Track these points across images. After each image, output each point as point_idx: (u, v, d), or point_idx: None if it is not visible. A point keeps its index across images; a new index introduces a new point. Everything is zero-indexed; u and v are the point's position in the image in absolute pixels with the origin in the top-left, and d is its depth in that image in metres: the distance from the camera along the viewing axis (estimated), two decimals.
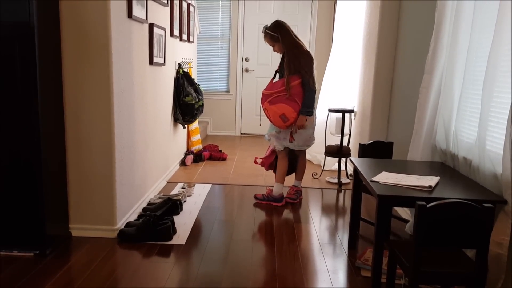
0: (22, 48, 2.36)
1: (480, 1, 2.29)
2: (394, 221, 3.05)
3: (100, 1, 2.59)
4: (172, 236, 2.85)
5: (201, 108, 4.66)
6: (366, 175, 2.24)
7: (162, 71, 3.91)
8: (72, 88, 2.67)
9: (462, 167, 2.38)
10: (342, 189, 4.17)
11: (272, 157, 3.82)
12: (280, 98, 3.41)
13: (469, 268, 1.81)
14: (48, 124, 2.52)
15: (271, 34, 3.49)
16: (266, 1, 6.63)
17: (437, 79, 2.64)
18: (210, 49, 6.81)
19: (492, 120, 2.12)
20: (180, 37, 4.52)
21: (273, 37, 3.48)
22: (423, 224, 1.70)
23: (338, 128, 4.32)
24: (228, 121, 6.89)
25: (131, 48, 3.01)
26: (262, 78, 6.52)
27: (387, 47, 3.88)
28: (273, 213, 3.46)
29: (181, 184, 4.10)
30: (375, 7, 4.01)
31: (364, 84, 4.33)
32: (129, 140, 3.03)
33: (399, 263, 1.90)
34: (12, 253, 2.55)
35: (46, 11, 2.47)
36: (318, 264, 2.60)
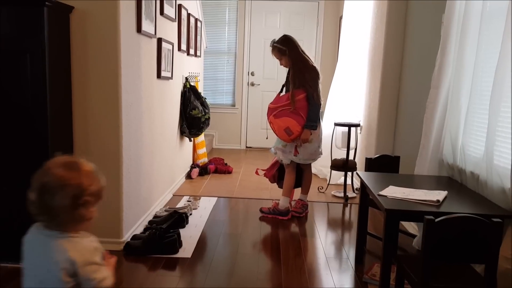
0: (33, 61, 2.40)
1: (486, 16, 2.30)
2: (401, 236, 3.03)
3: (110, 16, 2.63)
4: (178, 249, 2.84)
5: (207, 121, 4.68)
6: (373, 189, 2.24)
7: (170, 85, 3.95)
8: (81, 101, 2.70)
9: (470, 182, 2.37)
10: (348, 203, 4.15)
11: (274, 169, 3.82)
12: (284, 112, 3.43)
13: (477, 283, 1.79)
14: (57, 135, 2.54)
15: (279, 47, 3.53)
16: (272, 17, 6.70)
17: (444, 93, 2.64)
18: (216, 63, 6.87)
19: (500, 134, 2.12)
20: (188, 51, 4.57)
21: (281, 51, 3.52)
22: (432, 238, 1.69)
23: (344, 142, 4.32)
24: (234, 134, 6.91)
25: (139, 62, 3.05)
26: (267, 92, 6.55)
27: (393, 61, 3.90)
28: (279, 226, 3.45)
29: (187, 197, 4.10)
30: (381, 22, 4.04)
31: (370, 98, 4.35)
32: (136, 153, 3.05)
33: (407, 278, 1.88)
34: (19, 265, 2.54)
35: (56, 25, 2.51)
36: (325, 279, 2.58)
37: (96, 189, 1.25)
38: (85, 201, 1.21)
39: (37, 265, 1.22)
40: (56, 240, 1.21)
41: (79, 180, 1.21)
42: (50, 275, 1.20)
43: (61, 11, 2.56)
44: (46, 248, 1.21)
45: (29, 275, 1.26)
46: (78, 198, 1.20)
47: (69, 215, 1.20)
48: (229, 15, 6.75)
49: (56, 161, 1.23)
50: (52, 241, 1.21)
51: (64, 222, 1.22)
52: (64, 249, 1.20)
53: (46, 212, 1.20)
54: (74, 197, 1.19)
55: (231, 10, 6.74)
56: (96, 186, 1.26)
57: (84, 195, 1.21)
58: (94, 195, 1.25)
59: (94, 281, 1.23)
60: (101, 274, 1.26)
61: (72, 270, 1.20)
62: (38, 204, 1.20)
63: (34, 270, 1.23)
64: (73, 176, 1.20)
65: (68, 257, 1.20)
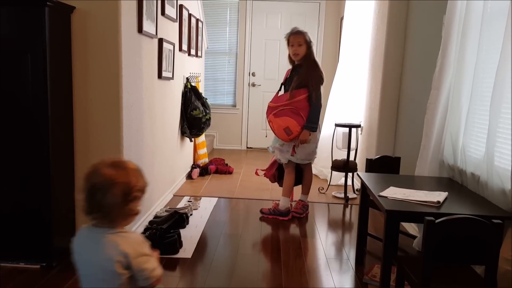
0: (34, 61, 2.40)
1: (487, 17, 2.30)
2: (402, 237, 3.03)
3: (111, 16, 2.63)
4: (178, 249, 2.85)
5: (208, 121, 4.69)
6: (374, 190, 2.24)
7: (170, 85, 3.95)
8: (82, 101, 2.71)
9: (470, 183, 2.37)
10: (348, 204, 4.15)
11: (273, 168, 3.82)
12: (285, 111, 3.43)
13: (478, 284, 1.79)
14: (57, 135, 2.55)
15: (308, 36, 3.52)
16: (273, 17, 6.70)
17: (445, 94, 2.64)
18: (217, 64, 6.87)
19: (500, 135, 2.12)
20: (189, 52, 4.57)
21: (307, 38, 3.51)
22: (432, 239, 1.69)
23: (345, 142, 4.32)
24: (235, 135, 6.92)
25: (140, 62, 3.05)
26: (268, 93, 6.54)
27: (394, 62, 3.90)
28: (279, 227, 3.45)
29: (188, 197, 4.11)
30: (382, 23, 4.04)
31: (371, 99, 4.35)
32: (137, 153, 3.05)
33: (408, 279, 1.88)
34: (18, 265, 2.55)
35: (57, 25, 2.52)
36: (325, 280, 2.58)
37: (142, 185, 1.35)
38: (134, 196, 1.31)
39: (92, 262, 1.31)
40: (107, 236, 1.30)
41: (127, 178, 1.30)
42: (106, 269, 1.29)
43: (62, 11, 2.56)
44: (99, 245, 1.30)
45: (85, 274, 1.35)
46: (128, 195, 1.29)
47: (120, 211, 1.30)
48: (230, 15, 6.76)
49: (103, 162, 1.32)
50: (103, 238, 1.30)
51: (115, 218, 1.31)
52: (116, 244, 1.29)
53: (100, 209, 1.28)
54: (124, 193, 1.28)
55: (232, 10, 6.74)
56: (141, 182, 1.35)
57: (133, 191, 1.30)
58: (141, 191, 1.34)
59: (146, 271, 1.32)
60: (152, 264, 1.35)
61: (126, 263, 1.29)
62: (91, 203, 1.29)
63: (91, 268, 1.32)
64: (121, 174, 1.29)
65: (121, 251, 1.28)
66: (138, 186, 1.33)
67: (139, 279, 1.33)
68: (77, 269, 1.36)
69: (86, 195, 1.29)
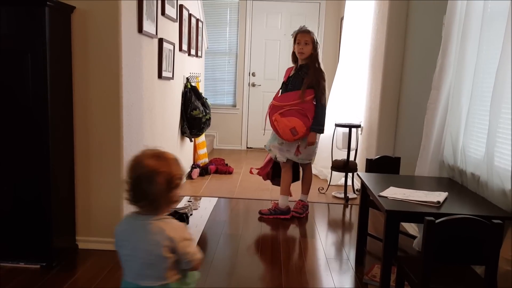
0: (34, 60, 2.40)
1: (487, 18, 2.30)
2: (402, 237, 3.03)
3: (111, 16, 2.64)
4: None
5: (208, 122, 4.69)
6: (374, 190, 2.24)
7: (171, 85, 3.95)
8: (82, 100, 2.71)
9: (470, 183, 2.37)
10: (348, 204, 4.15)
11: (268, 167, 3.81)
12: (292, 112, 3.43)
13: (478, 285, 1.79)
14: (57, 135, 2.55)
15: (315, 36, 3.53)
16: (273, 17, 6.70)
17: (445, 95, 2.64)
18: (217, 64, 6.87)
19: (500, 136, 2.12)
20: (189, 52, 4.57)
21: (314, 38, 3.51)
22: (432, 240, 1.69)
23: (345, 143, 4.32)
24: (235, 135, 6.92)
25: (140, 62, 3.05)
26: (268, 93, 6.55)
27: (394, 62, 3.90)
28: (279, 227, 3.44)
29: (187, 197, 4.11)
30: (382, 23, 4.04)
31: (371, 100, 4.35)
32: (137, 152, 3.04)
33: (408, 279, 1.88)
34: (18, 265, 2.55)
35: (58, 25, 2.52)
36: (325, 280, 2.58)
37: (181, 173, 1.44)
38: (176, 184, 1.41)
39: (140, 247, 1.40)
40: (153, 222, 1.40)
41: (169, 167, 1.39)
42: (154, 254, 1.39)
43: (63, 11, 2.56)
44: (146, 231, 1.39)
45: (131, 259, 1.43)
46: (170, 183, 1.38)
47: (165, 198, 1.40)
48: (230, 15, 6.76)
49: (144, 154, 1.41)
50: (150, 224, 1.40)
51: (160, 205, 1.41)
52: (162, 229, 1.39)
53: (146, 197, 1.38)
54: (167, 181, 1.38)
55: (232, 10, 6.74)
56: (180, 171, 1.44)
57: (174, 179, 1.40)
58: (180, 179, 1.44)
59: (189, 254, 1.43)
60: (193, 248, 1.45)
61: (172, 247, 1.39)
62: (137, 192, 1.38)
63: (138, 253, 1.40)
64: (163, 164, 1.39)
65: (167, 236, 1.38)
66: (178, 175, 1.42)
67: (182, 262, 1.43)
68: (121, 255, 1.45)
69: (131, 185, 1.38)
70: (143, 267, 1.41)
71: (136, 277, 1.43)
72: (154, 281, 1.41)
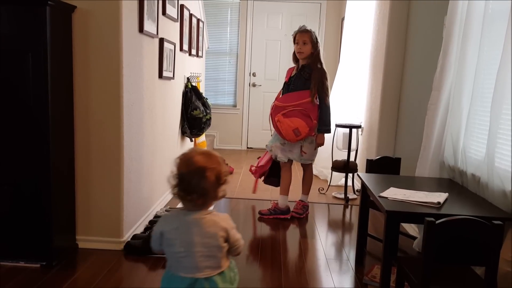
0: (35, 60, 2.40)
1: (488, 18, 2.30)
2: (402, 237, 3.02)
3: (112, 16, 2.64)
4: None
5: (208, 121, 4.69)
6: (374, 191, 2.24)
7: (171, 85, 3.95)
8: (82, 100, 2.71)
9: (471, 184, 2.36)
10: (348, 205, 4.15)
11: (267, 166, 3.80)
12: (295, 112, 3.43)
13: (478, 286, 1.79)
14: (57, 134, 2.55)
15: (315, 35, 3.51)
16: (274, 17, 6.71)
17: (445, 95, 2.64)
18: (218, 64, 6.87)
19: (501, 137, 2.12)
20: (189, 51, 4.57)
21: (313, 38, 3.50)
22: (432, 240, 1.69)
23: (345, 143, 4.32)
24: (235, 135, 6.92)
25: (141, 62, 3.05)
26: (269, 93, 6.56)
27: (395, 63, 3.90)
28: (279, 227, 3.44)
29: None
30: (383, 24, 4.04)
31: (372, 100, 4.35)
32: (138, 153, 3.05)
33: (408, 280, 1.88)
34: (18, 264, 2.55)
35: (59, 25, 2.52)
36: (325, 280, 2.58)
37: (227, 171, 1.54)
38: (224, 180, 1.51)
39: (198, 242, 1.49)
40: (205, 217, 1.52)
41: (217, 164, 1.49)
42: (212, 245, 1.50)
43: (64, 10, 2.56)
44: (201, 226, 1.50)
45: (186, 254, 1.50)
46: (219, 178, 1.49)
47: (214, 192, 1.49)
48: (231, 15, 6.76)
49: (192, 152, 1.52)
50: (202, 219, 1.51)
51: (209, 198, 1.50)
52: (215, 221, 1.52)
53: (197, 191, 1.47)
54: (217, 176, 1.48)
55: (233, 10, 6.74)
56: (226, 168, 1.54)
57: (222, 175, 1.50)
58: (227, 176, 1.53)
59: (238, 241, 1.57)
60: (239, 235, 1.59)
61: (226, 236, 1.52)
62: (188, 187, 1.47)
63: (194, 247, 1.49)
64: (211, 161, 1.49)
65: (221, 226, 1.52)
66: (226, 172, 1.52)
67: (232, 248, 1.56)
68: (172, 252, 1.53)
69: (181, 180, 1.47)
70: (201, 260, 1.49)
71: (193, 270, 1.50)
72: (212, 271, 1.51)
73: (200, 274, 1.50)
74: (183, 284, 1.50)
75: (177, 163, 1.51)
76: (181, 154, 1.52)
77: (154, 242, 1.57)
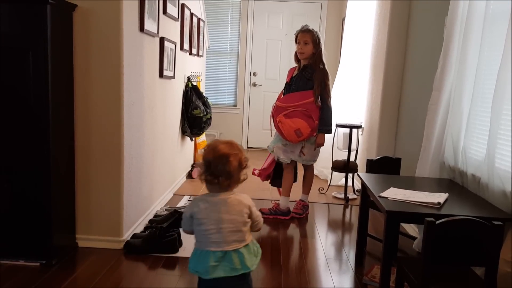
0: (36, 59, 2.40)
1: (489, 19, 2.30)
2: (401, 238, 3.02)
3: (113, 15, 2.64)
4: (178, 248, 2.84)
5: (208, 121, 4.68)
6: (374, 191, 2.24)
7: (172, 84, 3.95)
8: (83, 99, 2.71)
9: (471, 184, 2.36)
10: (349, 205, 4.15)
11: (271, 168, 3.80)
12: (296, 113, 3.42)
13: (477, 286, 1.79)
14: (58, 133, 2.55)
15: (317, 35, 3.49)
16: (274, 17, 6.70)
17: (446, 96, 2.64)
18: (218, 63, 6.87)
19: (501, 137, 2.11)
20: (190, 51, 4.57)
21: (315, 38, 3.48)
22: (432, 240, 1.69)
23: (346, 143, 4.32)
24: (235, 134, 6.91)
25: (142, 61, 3.05)
26: (269, 93, 6.56)
27: (395, 63, 3.90)
28: (279, 227, 3.44)
29: (188, 196, 4.10)
30: (384, 24, 4.04)
31: (372, 100, 4.35)
32: (138, 152, 3.05)
33: (407, 280, 1.88)
34: (18, 263, 2.55)
35: (59, 23, 2.52)
36: (325, 280, 2.58)
37: (246, 157, 1.75)
38: (245, 165, 1.72)
39: (226, 219, 1.69)
40: (231, 197, 1.72)
41: (238, 151, 1.71)
42: (239, 221, 1.71)
43: (64, 9, 2.56)
44: (228, 205, 1.71)
45: (217, 232, 1.68)
46: (241, 163, 1.70)
47: (238, 175, 1.70)
48: (231, 15, 6.76)
49: (217, 142, 1.72)
50: (228, 199, 1.71)
51: (233, 181, 1.70)
52: (240, 201, 1.73)
53: (223, 174, 1.66)
54: (239, 162, 1.69)
55: (233, 10, 6.74)
56: (246, 155, 1.75)
57: (243, 161, 1.71)
58: (247, 161, 1.74)
59: (259, 217, 1.80)
60: (259, 212, 1.83)
61: (249, 213, 1.74)
62: (215, 170, 1.66)
63: (223, 223, 1.69)
64: (233, 149, 1.70)
65: (246, 204, 1.74)
66: (246, 158, 1.73)
67: (254, 224, 1.78)
68: (202, 230, 1.70)
69: (208, 166, 1.67)
70: (229, 235, 1.68)
71: (222, 244, 1.68)
72: (238, 244, 1.70)
73: (228, 247, 1.68)
74: (214, 257, 1.68)
75: (204, 152, 1.71)
76: (206, 145, 1.73)
77: (185, 224, 1.76)
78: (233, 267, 1.68)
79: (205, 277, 1.69)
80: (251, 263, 1.72)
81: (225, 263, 1.68)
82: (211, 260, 1.67)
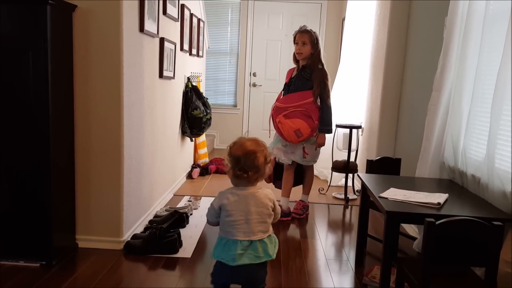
0: (36, 59, 2.40)
1: (489, 19, 2.30)
2: (401, 238, 3.02)
3: (113, 15, 2.64)
4: (178, 249, 2.84)
5: (208, 121, 4.69)
6: (374, 191, 2.24)
7: (172, 85, 3.95)
8: (83, 99, 2.71)
9: (471, 185, 2.36)
10: (349, 205, 4.15)
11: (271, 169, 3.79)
12: (296, 113, 3.42)
13: (477, 286, 1.79)
14: (57, 133, 2.55)
15: (315, 36, 3.48)
16: (274, 18, 6.71)
17: (446, 96, 2.64)
18: (218, 64, 6.87)
19: (501, 138, 2.11)
20: (190, 51, 4.57)
21: (313, 39, 3.47)
22: (432, 241, 1.69)
23: (346, 143, 4.32)
24: (235, 135, 6.84)
25: (141, 61, 3.05)
26: (269, 93, 6.56)
27: (395, 63, 3.90)
28: (279, 227, 3.44)
29: (188, 197, 4.11)
30: (383, 24, 4.04)
31: (372, 101, 4.35)
32: (138, 152, 3.05)
33: (407, 280, 1.88)
34: (18, 263, 2.55)
35: (59, 24, 2.52)
36: (325, 281, 2.58)
37: (270, 152, 1.89)
38: (269, 159, 1.86)
39: (253, 211, 1.83)
40: (258, 191, 1.87)
41: (263, 148, 1.85)
42: (265, 213, 1.85)
43: (64, 9, 2.56)
44: (256, 198, 1.85)
45: (245, 223, 1.82)
46: (266, 158, 1.85)
47: (264, 169, 1.84)
48: (231, 15, 6.76)
49: (243, 139, 1.86)
50: (256, 193, 1.86)
51: (260, 175, 1.85)
52: (265, 194, 1.87)
53: (252, 168, 1.80)
54: (265, 157, 1.84)
55: (233, 10, 6.74)
56: (269, 150, 1.90)
57: (267, 156, 1.85)
58: (270, 156, 1.89)
59: (278, 209, 1.95)
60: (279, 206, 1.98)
61: (273, 205, 1.89)
62: (243, 165, 1.79)
63: (251, 215, 1.83)
64: (259, 145, 1.84)
65: (270, 198, 1.88)
66: (270, 153, 1.88)
67: (274, 216, 1.91)
68: (230, 221, 1.82)
69: (237, 162, 1.79)
70: (256, 225, 1.83)
71: (249, 234, 1.82)
72: (263, 234, 1.85)
73: (254, 237, 1.83)
74: (241, 246, 1.81)
75: (231, 149, 1.83)
76: (232, 143, 1.85)
77: (211, 216, 1.89)
78: (257, 255, 1.82)
79: (231, 264, 1.80)
80: (272, 251, 1.87)
81: (250, 251, 1.82)
82: (239, 249, 1.81)
